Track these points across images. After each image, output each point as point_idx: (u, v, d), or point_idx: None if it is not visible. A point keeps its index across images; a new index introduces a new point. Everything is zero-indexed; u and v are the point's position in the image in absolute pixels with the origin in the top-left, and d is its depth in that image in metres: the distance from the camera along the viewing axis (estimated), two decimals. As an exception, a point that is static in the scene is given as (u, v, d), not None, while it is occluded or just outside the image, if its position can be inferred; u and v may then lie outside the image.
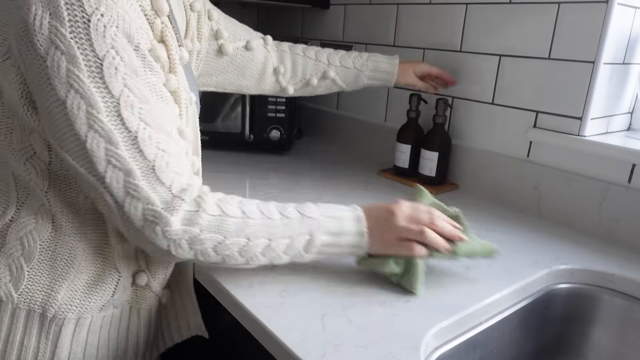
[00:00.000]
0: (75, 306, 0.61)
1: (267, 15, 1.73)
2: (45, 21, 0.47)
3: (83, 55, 0.48)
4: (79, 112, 0.49)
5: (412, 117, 1.15)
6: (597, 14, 0.87)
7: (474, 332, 0.64)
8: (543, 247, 0.84)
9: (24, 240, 0.59)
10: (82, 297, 0.61)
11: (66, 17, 0.47)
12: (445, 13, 1.13)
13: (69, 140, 0.51)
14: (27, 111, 0.54)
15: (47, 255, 0.60)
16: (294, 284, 0.67)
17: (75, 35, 0.47)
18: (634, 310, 0.76)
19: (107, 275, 0.63)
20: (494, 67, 1.05)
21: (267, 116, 1.28)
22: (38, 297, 0.59)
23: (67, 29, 0.47)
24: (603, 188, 0.89)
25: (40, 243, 0.59)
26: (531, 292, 0.74)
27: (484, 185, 1.09)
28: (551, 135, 0.96)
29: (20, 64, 0.51)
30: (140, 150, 0.52)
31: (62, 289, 0.60)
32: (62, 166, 0.58)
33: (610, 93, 0.94)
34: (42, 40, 0.48)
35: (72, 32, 0.47)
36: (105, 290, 0.63)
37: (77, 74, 0.48)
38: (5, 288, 0.59)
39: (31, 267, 0.59)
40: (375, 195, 1.05)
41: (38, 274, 0.60)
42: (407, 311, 0.62)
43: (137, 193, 0.53)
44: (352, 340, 0.55)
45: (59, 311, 0.60)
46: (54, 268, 0.60)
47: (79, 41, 0.48)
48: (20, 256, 0.59)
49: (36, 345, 0.60)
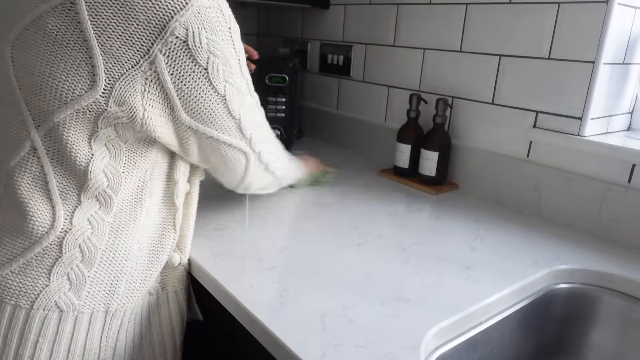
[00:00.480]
0: (134, 297, 0.66)
1: (267, 15, 1.73)
2: (203, 36, 0.56)
3: (231, 57, 0.60)
4: (233, 100, 0.63)
5: (412, 117, 1.15)
6: (597, 14, 0.87)
7: (474, 332, 0.64)
8: (543, 247, 0.84)
9: (83, 247, 0.60)
10: (139, 287, 0.66)
11: (218, 29, 0.58)
12: (445, 13, 1.13)
13: (225, 124, 0.64)
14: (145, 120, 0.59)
15: (107, 256, 0.62)
16: (294, 284, 0.67)
17: (225, 41, 0.59)
18: (634, 310, 0.76)
19: (156, 264, 0.68)
20: (494, 67, 1.05)
21: (267, 116, 1.27)
22: (100, 297, 0.62)
23: (219, 38, 0.58)
24: (603, 188, 0.89)
25: (100, 247, 0.61)
26: (531, 292, 0.74)
27: (484, 185, 1.09)
28: (551, 135, 0.96)
29: (156, 76, 0.56)
30: (261, 113, 0.74)
31: (122, 283, 0.64)
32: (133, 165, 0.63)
33: (610, 93, 0.94)
34: (202, 54, 0.57)
35: (222, 39, 0.58)
36: (152, 277, 0.68)
37: (230, 71, 0.61)
38: (66, 298, 0.60)
39: (92, 271, 0.61)
40: (376, 195, 1.05)
41: (99, 275, 0.62)
42: (407, 311, 0.62)
43: (264, 142, 0.74)
44: (352, 340, 0.55)
45: (120, 305, 0.64)
46: (113, 265, 0.63)
47: (228, 45, 0.59)
48: (80, 263, 0.60)
49: (97, 346, 0.63)
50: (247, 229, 0.84)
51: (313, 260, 0.74)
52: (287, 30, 1.64)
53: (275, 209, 0.94)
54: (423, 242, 0.83)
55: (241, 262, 0.72)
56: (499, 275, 0.73)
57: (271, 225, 0.86)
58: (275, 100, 1.27)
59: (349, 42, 1.40)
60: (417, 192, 1.10)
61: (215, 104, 0.61)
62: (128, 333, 0.66)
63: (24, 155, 0.58)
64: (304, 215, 0.91)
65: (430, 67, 1.19)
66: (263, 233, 0.82)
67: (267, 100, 1.27)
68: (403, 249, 0.79)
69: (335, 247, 0.79)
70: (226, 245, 0.77)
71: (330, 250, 0.78)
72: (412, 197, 1.06)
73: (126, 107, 0.56)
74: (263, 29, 1.76)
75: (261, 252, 0.75)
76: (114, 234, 0.62)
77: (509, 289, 0.70)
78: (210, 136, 0.64)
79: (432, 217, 0.95)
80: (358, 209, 0.96)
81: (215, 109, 0.62)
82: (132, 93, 0.55)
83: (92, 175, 0.59)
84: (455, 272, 0.73)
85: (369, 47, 1.34)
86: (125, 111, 0.56)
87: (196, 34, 0.55)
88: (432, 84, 1.19)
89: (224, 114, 0.63)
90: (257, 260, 0.73)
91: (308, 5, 1.43)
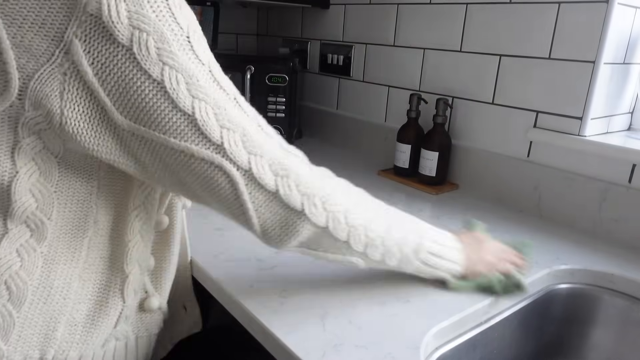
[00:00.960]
0: (81, 343, 0.55)
1: (267, 15, 1.73)
2: (122, 8, 0.43)
3: (169, 31, 0.45)
4: (178, 85, 0.46)
5: (412, 117, 1.15)
6: (597, 14, 0.87)
7: (474, 332, 0.64)
8: (543, 247, 0.84)
9: (10, 284, 0.50)
10: (87, 331, 0.55)
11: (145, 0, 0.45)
12: (445, 13, 1.13)
13: (172, 122, 0.47)
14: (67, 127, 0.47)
15: (41, 294, 0.52)
16: (294, 284, 0.67)
17: (158, 13, 0.45)
18: (634, 310, 0.76)
19: (108, 306, 0.56)
20: (494, 67, 1.05)
21: (267, 116, 1.28)
22: (34, 342, 0.52)
23: (148, 9, 0.44)
24: (603, 188, 0.89)
25: (31, 282, 0.51)
26: (531, 292, 0.74)
27: (484, 185, 1.09)
28: (551, 135, 0.96)
29: (75, 69, 0.44)
30: (243, 109, 0.51)
31: (61, 326, 0.53)
32: (67, 182, 0.51)
33: (610, 93, 0.94)
34: (122, 30, 0.44)
35: (153, 11, 0.45)
36: (107, 322, 0.56)
37: (169, 49, 0.45)
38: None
39: (22, 312, 0.51)
40: (376, 195, 1.05)
41: (31, 316, 0.51)
42: (407, 311, 0.62)
43: (259, 149, 0.50)
44: (352, 340, 0.55)
45: (59, 351, 0.53)
46: (49, 304, 0.52)
47: (163, 18, 0.45)
48: (7, 302, 0.50)
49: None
50: (247, 229, 0.84)
51: (313, 260, 0.74)
52: (287, 30, 1.64)
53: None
54: (423, 242, 0.83)
55: (241, 262, 0.72)
56: (499, 275, 0.73)
57: (271, 225, 0.86)
58: (275, 100, 1.27)
59: (349, 42, 1.40)
60: (417, 192, 1.10)
61: (151, 94, 0.46)
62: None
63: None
64: (304, 215, 0.91)
65: (430, 67, 1.18)
66: (263, 233, 0.82)
67: (267, 100, 1.27)
68: (403, 249, 0.79)
69: (335, 247, 0.78)
70: (226, 245, 0.77)
71: (330, 250, 0.77)
72: (412, 197, 1.06)
73: (43, 111, 0.45)
74: (263, 29, 1.76)
75: (261, 252, 0.75)
76: (49, 268, 0.52)
77: (509, 289, 0.70)
78: (158, 142, 0.47)
79: (432, 217, 0.95)
80: (358, 209, 0.96)
81: (152, 101, 0.46)
82: (49, 93, 0.44)
83: (16, 196, 0.48)
84: (455, 272, 0.73)
85: (369, 47, 1.34)
86: (42, 116, 0.46)
87: (112, 6, 0.43)
88: (432, 84, 1.19)
89: (166, 107, 0.46)
90: (257, 260, 0.73)
91: (308, 5, 1.43)
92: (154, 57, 0.45)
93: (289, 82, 1.26)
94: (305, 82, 1.59)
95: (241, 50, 1.73)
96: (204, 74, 0.48)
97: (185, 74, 0.46)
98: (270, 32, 1.73)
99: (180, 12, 0.47)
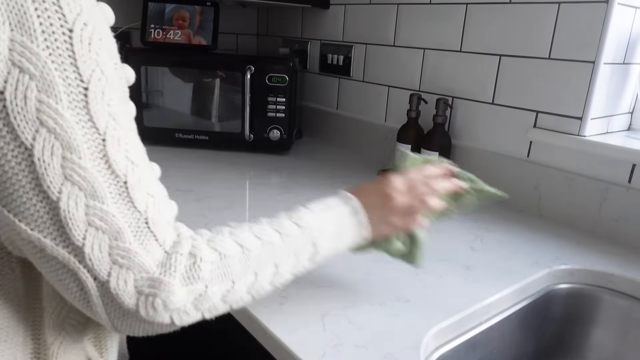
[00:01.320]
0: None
1: (267, 15, 1.73)
2: (3, 35, 0.33)
3: (63, 79, 0.35)
4: (51, 159, 0.36)
5: (412, 117, 1.15)
6: (597, 14, 0.87)
7: (474, 332, 0.64)
8: (543, 247, 0.84)
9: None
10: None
11: (38, 29, 0.34)
12: (445, 13, 1.13)
13: (29, 204, 0.36)
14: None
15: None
16: (294, 284, 0.66)
17: (53, 51, 0.35)
18: (634, 310, 0.76)
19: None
20: (494, 67, 1.05)
21: (267, 116, 1.28)
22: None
23: (41, 44, 0.34)
24: (603, 188, 0.89)
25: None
26: (531, 292, 0.74)
27: (484, 185, 1.09)
28: (551, 135, 0.96)
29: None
30: (131, 201, 0.39)
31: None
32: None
33: (610, 93, 0.94)
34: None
35: (47, 47, 0.35)
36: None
37: (54, 105, 0.35)
38: None
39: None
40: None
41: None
42: (407, 311, 0.62)
43: (128, 260, 0.39)
44: (352, 340, 0.55)
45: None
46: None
47: (58, 59, 0.35)
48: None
49: None
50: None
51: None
52: (287, 30, 1.64)
53: (275, 208, 0.94)
54: (423, 242, 0.83)
55: (241, 262, 0.72)
56: (499, 275, 0.73)
57: (271, 225, 0.86)
58: (275, 100, 1.27)
59: (349, 42, 1.40)
60: (417, 192, 1.09)
61: (13, 162, 0.36)
62: None
63: None
64: (304, 215, 0.91)
65: (430, 67, 1.19)
66: (263, 233, 0.82)
67: (267, 100, 1.27)
68: (403, 249, 0.79)
69: (335, 247, 0.78)
70: (226, 245, 0.77)
71: (330, 250, 0.77)
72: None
73: None
74: (263, 29, 1.76)
75: (261, 252, 0.75)
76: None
77: (509, 289, 0.70)
78: (5, 221, 0.38)
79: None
80: (358, 209, 0.96)
81: (12, 171, 0.36)
82: None
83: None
84: (456, 272, 0.73)
85: (369, 47, 1.34)
86: None
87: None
88: (432, 84, 1.19)
89: (27, 184, 0.36)
90: (257, 260, 0.73)
91: (308, 5, 1.43)
92: (31, 112, 0.35)
93: (289, 82, 1.26)
94: (305, 82, 1.59)
95: (241, 50, 1.73)
96: (92, 149, 0.37)
97: (66, 144, 0.36)
98: (270, 32, 1.73)
99: (89, 51, 0.37)
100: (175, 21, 1.31)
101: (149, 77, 1.27)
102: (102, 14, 0.40)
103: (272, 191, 1.03)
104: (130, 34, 1.48)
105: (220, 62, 1.26)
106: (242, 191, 1.02)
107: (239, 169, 1.18)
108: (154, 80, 1.28)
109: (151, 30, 1.30)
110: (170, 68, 1.27)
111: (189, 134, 1.31)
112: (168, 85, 1.29)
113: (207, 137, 1.31)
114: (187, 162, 1.20)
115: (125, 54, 1.26)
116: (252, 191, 1.03)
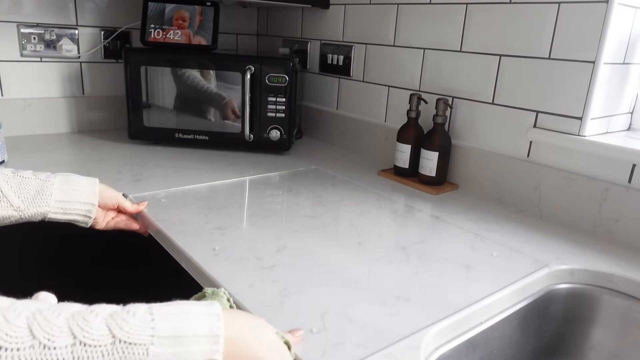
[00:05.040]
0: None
1: (267, 15, 1.73)
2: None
3: None
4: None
5: (412, 117, 1.15)
6: (597, 14, 0.87)
7: (474, 332, 0.64)
8: (543, 247, 0.84)
9: None
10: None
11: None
12: (445, 13, 1.13)
13: None
14: None
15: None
16: (294, 284, 0.67)
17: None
18: (634, 310, 0.76)
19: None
20: (494, 67, 1.05)
21: (267, 116, 1.28)
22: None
23: None
24: (603, 188, 0.89)
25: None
26: (531, 292, 0.74)
27: (484, 185, 1.09)
28: (551, 135, 0.96)
29: None
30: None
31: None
32: None
33: (610, 93, 0.94)
34: None
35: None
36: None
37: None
38: None
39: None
40: (376, 195, 1.05)
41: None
42: (407, 311, 0.62)
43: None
44: (352, 340, 0.55)
45: None
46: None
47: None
48: None
49: None
50: (247, 228, 0.84)
51: (313, 259, 0.74)
52: (287, 30, 1.64)
53: (275, 208, 0.94)
54: (423, 242, 0.83)
55: (241, 262, 0.72)
56: (499, 275, 0.73)
57: (271, 224, 0.86)
58: (275, 100, 1.27)
59: (349, 42, 1.40)
60: (417, 192, 1.10)
61: None
62: None
63: None
64: (304, 215, 0.91)
65: (430, 67, 1.19)
66: (263, 232, 0.82)
67: (267, 100, 1.27)
68: (403, 248, 0.79)
69: (335, 247, 0.79)
70: (226, 245, 0.77)
71: (331, 249, 0.78)
72: (412, 197, 1.06)
73: None
74: (263, 29, 1.76)
75: (261, 252, 0.75)
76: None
77: (509, 289, 0.70)
78: None
79: (432, 217, 0.95)
80: (358, 208, 0.96)
81: None
82: None
83: None
84: (456, 272, 0.73)
85: (369, 47, 1.34)
86: None
87: None
88: (432, 84, 1.19)
89: None
90: (257, 259, 0.73)
91: (308, 5, 1.43)
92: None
93: (289, 82, 1.26)
94: (305, 82, 1.59)
95: (241, 50, 1.73)
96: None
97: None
98: (270, 32, 1.73)
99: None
100: (175, 21, 1.31)
101: (149, 77, 1.27)
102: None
103: (272, 191, 1.03)
104: (130, 34, 1.48)
105: (220, 62, 1.27)
106: (242, 191, 1.03)
107: (238, 169, 1.18)
108: (154, 80, 1.28)
109: (151, 30, 1.30)
110: (170, 68, 1.27)
111: (189, 134, 1.31)
112: (168, 85, 1.29)
113: (207, 137, 1.31)
114: (187, 162, 1.20)
115: (125, 54, 1.26)
116: (252, 191, 1.03)
